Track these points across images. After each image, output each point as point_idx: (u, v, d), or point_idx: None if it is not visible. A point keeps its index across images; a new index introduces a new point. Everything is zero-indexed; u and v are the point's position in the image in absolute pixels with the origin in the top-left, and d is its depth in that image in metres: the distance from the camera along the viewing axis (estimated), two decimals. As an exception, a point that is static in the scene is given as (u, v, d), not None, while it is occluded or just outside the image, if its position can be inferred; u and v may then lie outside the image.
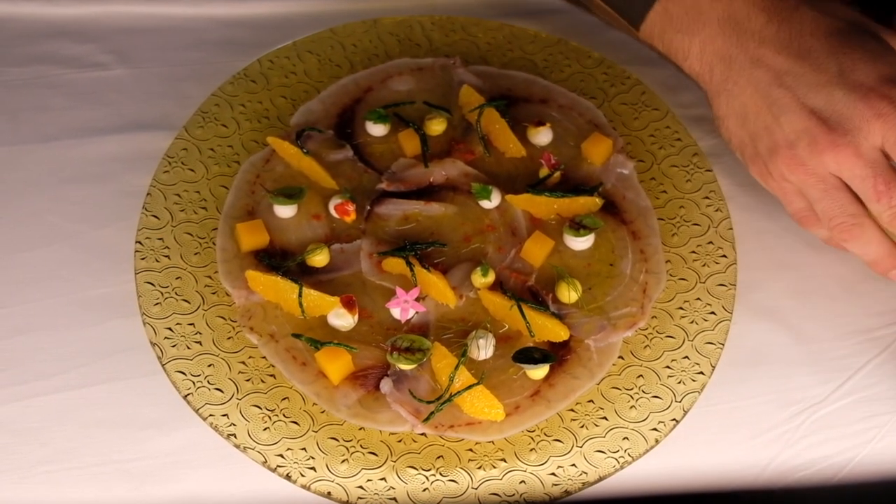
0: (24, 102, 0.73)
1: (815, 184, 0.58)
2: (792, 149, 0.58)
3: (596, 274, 0.64)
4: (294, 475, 0.56)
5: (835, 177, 0.58)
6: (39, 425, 0.58)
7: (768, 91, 0.59)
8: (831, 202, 0.59)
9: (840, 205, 0.58)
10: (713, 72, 0.62)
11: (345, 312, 0.60)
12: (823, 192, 0.58)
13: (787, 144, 0.58)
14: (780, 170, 0.60)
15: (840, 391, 0.61)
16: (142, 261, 0.63)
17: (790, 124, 0.58)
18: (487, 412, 0.57)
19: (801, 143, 0.58)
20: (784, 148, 0.59)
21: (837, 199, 0.58)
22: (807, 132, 0.57)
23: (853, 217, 0.59)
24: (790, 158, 0.58)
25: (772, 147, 0.59)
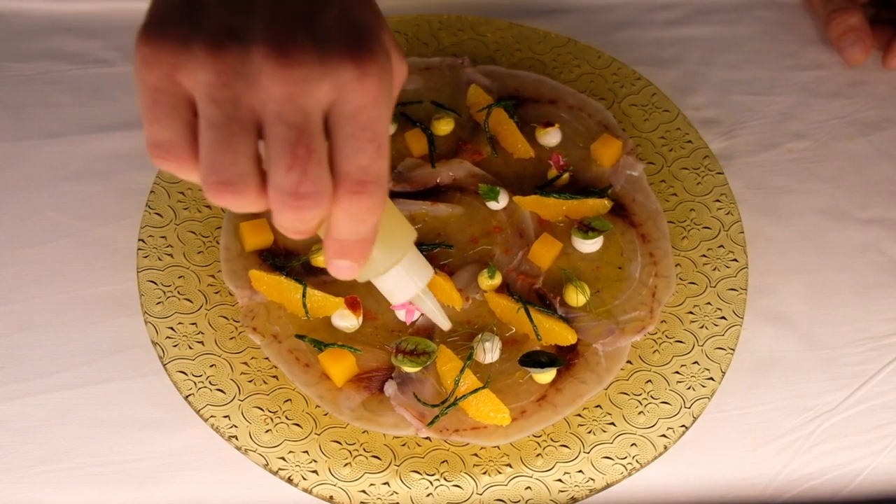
0: (27, 98, 0.72)
1: (215, 112, 0.37)
2: (228, 42, 0.37)
3: (604, 277, 0.63)
4: (296, 478, 0.55)
5: (255, 109, 0.38)
6: (39, 424, 0.58)
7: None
8: (223, 145, 0.38)
9: (234, 154, 0.38)
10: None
11: (349, 313, 0.59)
12: (221, 127, 0.37)
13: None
14: (190, 64, 0.38)
15: (853, 398, 0.60)
16: (144, 259, 0.62)
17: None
18: (493, 416, 0.56)
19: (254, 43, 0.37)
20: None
21: (237, 145, 0.38)
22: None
23: (243, 178, 0.38)
24: (217, 54, 0.37)
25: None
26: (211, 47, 0.37)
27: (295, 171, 0.37)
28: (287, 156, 0.37)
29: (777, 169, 0.71)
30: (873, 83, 0.76)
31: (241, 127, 0.37)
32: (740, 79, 0.76)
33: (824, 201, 0.70)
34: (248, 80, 0.37)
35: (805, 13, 0.81)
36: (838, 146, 0.73)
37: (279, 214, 0.39)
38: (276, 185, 0.38)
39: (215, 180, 0.38)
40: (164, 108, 0.38)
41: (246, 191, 0.38)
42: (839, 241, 0.67)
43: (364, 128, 0.38)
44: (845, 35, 0.75)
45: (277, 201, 0.38)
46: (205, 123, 0.37)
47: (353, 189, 0.39)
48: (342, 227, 0.40)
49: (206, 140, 0.37)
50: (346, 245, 0.41)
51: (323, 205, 0.38)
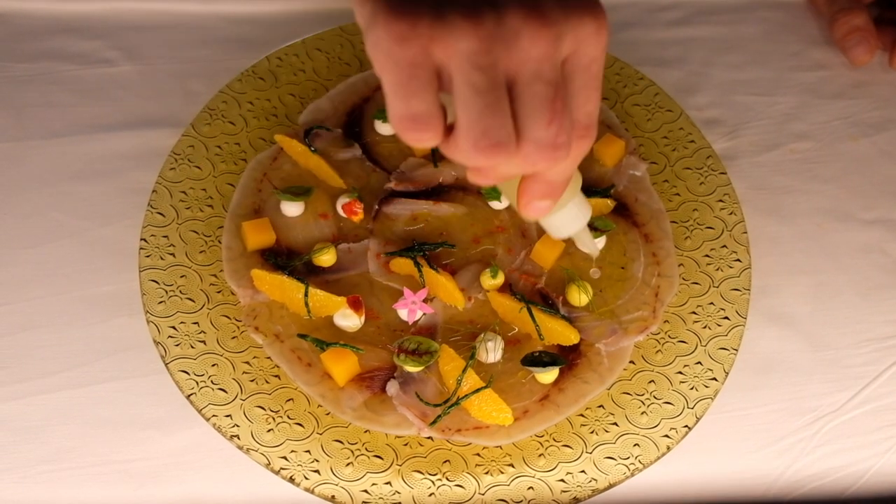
0: (30, 98, 0.72)
1: (481, 78, 0.39)
2: (484, 11, 0.39)
3: (607, 277, 0.62)
4: (298, 478, 0.55)
5: (512, 71, 0.39)
6: (40, 424, 0.58)
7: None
8: (493, 109, 0.39)
9: (503, 117, 0.39)
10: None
11: (351, 313, 0.59)
12: (487, 92, 0.39)
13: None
14: (452, 37, 0.39)
15: (856, 400, 0.60)
16: (146, 258, 0.62)
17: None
18: (495, 416, 0.56)
19: (510, 8, 0.39)
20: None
21: (502, 108, 0.39)
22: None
23: (509, 137, 0.40)
24: (477, 23, 0.38)
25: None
26: (469, 16, 0.38)
27: (554, 125, 0.40)
28: (547, 111, 0.40)
29: (780, 169, 0.71)
30: (877, 84, 0.76)
31: (502, 90, 0.39)
32: (743, 79, 0.76)
33: (828, 202, 0.69)
34: (506, 44, 0.39)
35: (809, 14, 0.80)
36: (842, 147, 0.72)
37: (537, 164, 0.41)
38: (537, 139, 0.40)
39: (487, 144, 0.39)
40: (421, 82, 0.39)
41: (511, 150, 0.40)
42: (843, 241, 0.67)
43: (595, 77, 0.42)
44: (850, 35, 0.75)
45: (536, 154, 0.40)
46: (469, 90, 0.39)
47: (581, 134, 0.42)
48: (560, 170, 0.43)
49: (474, 106, 0.39)
50: (554, 185, 0.44)
51: (567, 152, 0.41)
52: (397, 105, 0.40)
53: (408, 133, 0.40)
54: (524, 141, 0.40)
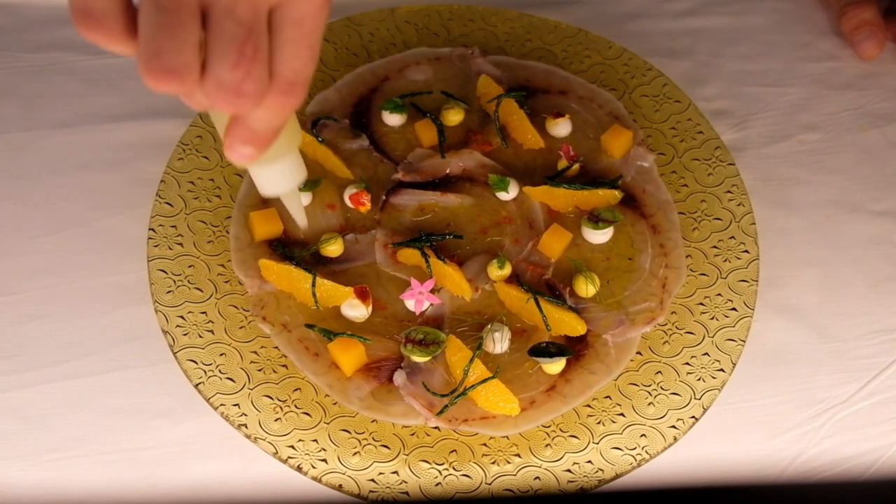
0: (39, 88, 0.72)
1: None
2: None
3: (614, 268, 0.62)
4: (305, 467, 0.55)
5: (205, 4, 0.37)
6: (50, 412, 0.58)
7: None
8: (171, 30, 0.37)
9: (181, 43, 0.37)
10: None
11: (358, 303, 0.59)
12: (169, 11, 0.37)
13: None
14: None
15: (864, 391, 0.60)
16: (155, 248, 0.62)
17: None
18: (502, 406, 0.56)
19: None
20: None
21: (184, 32, 0.37)
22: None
23: (187, 67, 0.37)
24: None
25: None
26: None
27: (240, 70, 0.37)
28: (234, 53, 0.37)
29: (789, 160, 0.71)
30: (886, 75, 0.76)
31: (189, 13, 0.36)
32: (752, 70, 0.76)
33: (836, 193, 0.69)
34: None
35: (818, 4, 0.80)
36: (851, 138, 0.72)
37: (213, 103, 0.38)
38: (218, 78, 0.37)
39: (159, 67, 0.36)
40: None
41: (188, 80, 0.37)
42: (851, 233, 0.67)
43: (306, 34, 0.39)
44: (859, 29, 0.75)
45: (215, 93, 0.38)
46: (150, 2, 0.36)
47: (284, 89, 0.39)
48: (261, 120, 0.40)
49: (151, 22, 0.36)
50: (258, 135, 0.41)
51: (256, 101, 0.39)
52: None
53: (79, 26, 0.38)
54: (207, 76, 0.37)
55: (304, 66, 0.40)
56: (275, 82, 0.39)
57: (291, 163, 0.47)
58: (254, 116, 0.40)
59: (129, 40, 0.37)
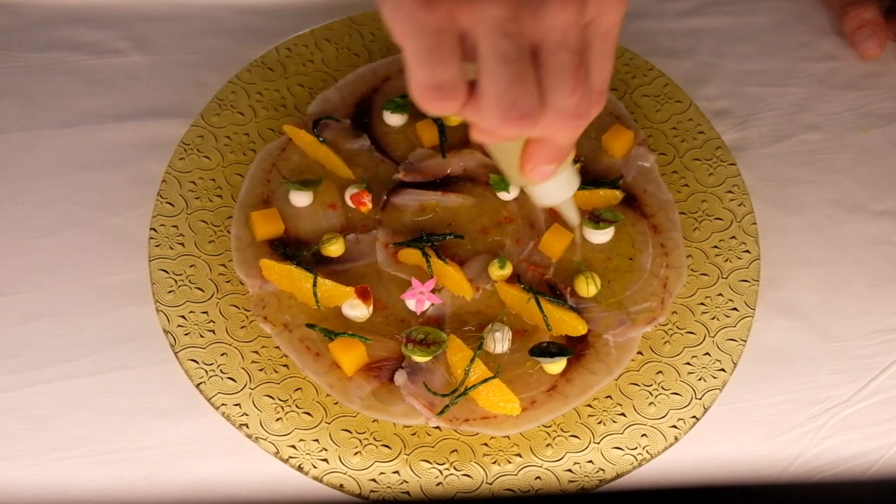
0: (40, 88, 0.72)
1: (510, 47, 0.38)
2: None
3: (615, 268, 0.62)
4: (306, 466, 0.55)
5: (535, 40, 0.39)
6: (51, 412, 0.58)
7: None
8: (520, 78, 0.39)
9: (530, 86, 0.39)
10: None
11: (359, 303, 0.59)
12: (516, 61, 0.38)
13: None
14: (458, 3, 0.38)
15: (865, 391, 0.60)
16: (156, 248, 0.62)
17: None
18: (503, 406, 0.56)
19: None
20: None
21: (529, 77, 0.39)
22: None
23: (535, 108, 0.40)
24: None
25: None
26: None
27: (577, 93, 0.39)
28: (571, 80, 0.39)
29: (790, 160, 0.71)
30: (888, 75, 0.76)
31: (529, 58, 0.39)
32: (754, 70, 0.76)
33: (837, 193, 0.69)
34: (532, 10, 0.38)
35: (819, 4, 0.80)
36: (852, 138, 0.72)
37: (556, 132, 0.41)
38: (560, 107, 0.40)
39: (516, 114, 0.39)
40: (446, 49, 0.38)
41: (537, 118, 0.40)
42: (852, 233, 0.67)
43: (612, 44, 0.41)
44: (860, 29, 0.75)
45: (558, 122, 0.40)
46: (496, 59, 0.38)
47: (596, 100, 0.42)
48: (569, 135, 0.42)
49: (503, 76, 0.38)
50: (562, 149, 0.44)
51: (587, 118, 0.41)
52: (421, 73, 0.38)
53: (432, 103, 0.39)
54: (548, 109, 0.39)
55: (609, 75, 0.42)
56: (592, 94, 0.41)
57: (572, 170, 0.48)
58: (560, 133, 0.42)
59: (471, 102, 0.40)
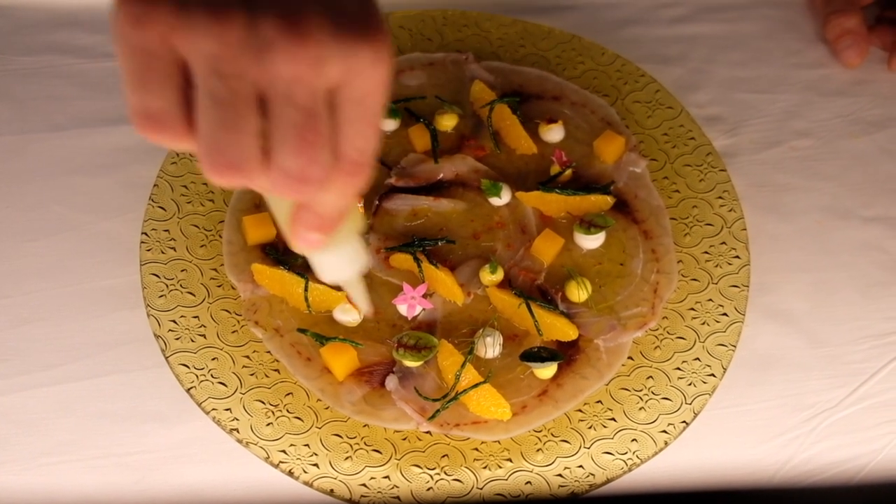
0: (33, 91, 0.72)
1: (221, 88, 0.34)
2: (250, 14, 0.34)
3: (606, 273, 0.63)
4: (297, 472, 0.55)
5: (263, 87, 0.35)
6: (41, 416, 0.58)
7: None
8: (230, 124, 0.35)
9: (241, 135, 0.35)
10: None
11: (351, 308, 0.59)
12: (228, 105, 0.35)
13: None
14: (192, 30, 0.34)
15: (854, 396, 0.60)
16: (147, 252, 0.62)
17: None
18: (494, 411, 0.56)
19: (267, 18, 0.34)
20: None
21: (243, 125, 0.35)
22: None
23: (249, 161, 0.36)
24: (211, 24, 0.34)
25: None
26: (215, 13, 0.33)
27: (303, 156, 0.35)
28: (295, 139, 0.35)
29: (780, 166, 0.71)
30: (878, 82, 0.76)
31: (246, 105, 0.34)
32: (745, 76, 0.76)
33: (827, 199, 0.69)
34: (256, 55, 0.34)
35: (809, 12, 0.80)
36: (842, 144, 0.73)
37: (279, 192, 0.37)
38: (282, 167, 0.36)
39: (221, 162, 0.35)
40: (156, 75, 0.34)
41: (251, 172, 0.36)
42: (842, 238, 0.67)
43: (369, 112, 0.37)
44: (842, 37, 0.75)
45: (281, 182, 0.36)
46: (207, 98, 0.34)
47: (350, 170, 0.38)
48: (327, 204, 0.39)
49: (209, 117, 0.35)
50: (325, 219, 0.39)
51: (321, 185, 0.37)
52: (130, 97, 0.35)
53: (143, 130, 0.35)
54: (272, 166, 0.36)
55: (368, 143, 0.38)
56: (340, 163, 0.37)
57: (353, 248, 0.44)
58: (320, 201, 0.38)
59: (193, 137, 0.36)
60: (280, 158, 0.35)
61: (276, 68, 0.34)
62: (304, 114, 0.35)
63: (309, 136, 0.35)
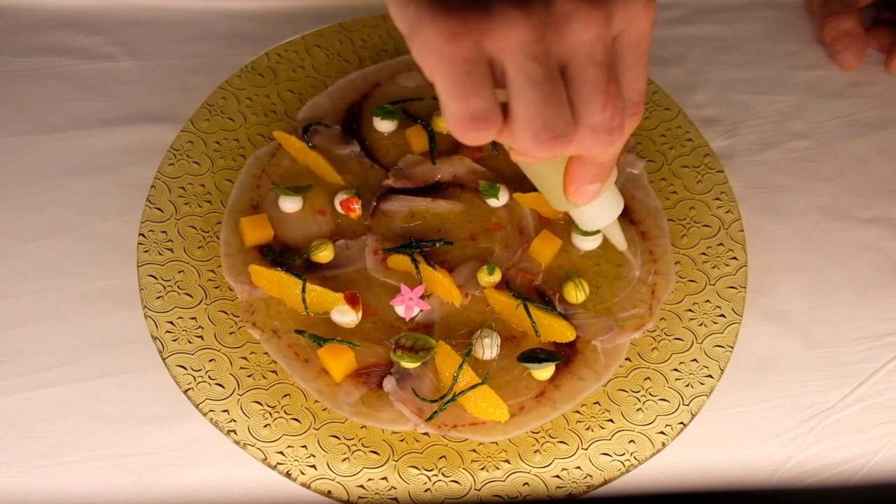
0: (30, 93, 0.72)
1: (537, 69, 0.38)
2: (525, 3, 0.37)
3: (604, 274, 0.63)
4: (294, 473, 0.55)
5: (564, 57, 0.38)
6: (38, 418, 0.58)
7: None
8: (550, 99, 0.38)
9: (560, 106, 0.39)
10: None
11: (348, 309, 0.59)
12: (544, 83, 0.38)
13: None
14: (501, 28, 0.37)
15: (851, 397, 0.60)
16: (145, 254, 0.62)
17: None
18: (491, 412, 0.56)
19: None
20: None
21: (559, 97, 0.39)
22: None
23: (568, 127, 0.39)
24: (526, 11, 0.37)
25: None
26: (519, 5, 0.37)
27: (609, 109, 0.39)
28: (601, 95, 0.39)
29: (778, 168, 0.71)
30: (874, 83, 0.76)
31: (557, 79, 0.38)
32: (742, 78, 0.76)
33: (825, 200, 0.70)
34: (557, 29, 0.37)
35: (807, 13, 0.80)
36: (839, 146, 0.73)
37: (591, 149, 0.40)
38: (593, 124, 0.39)
39: (548, 136, 0.39)
40: (477, 79, 0.38)
41: (571, 137, 0.39)
42: (839, 240, 0.67)
43: (644, 53, 0.40)
44: (838, 40, 0.75)
45: (591, 139, 0.39)
46: (525, 82, 0.38)
47: (633, 112, 0.41)
48: (608, 151, 0.41)
49: (531, 98, 0.38)
50: (605, 167, 0.43)
51: (623, 133, 0.40)
52: (455, 106, 0.38)
53: (469, 133, 0.39)
54: (580, 127, 0.39)
55: (644, 84, 0.41)
56: (626, 108, 0.40)
57: (615, 191, 0.46)
58: (596, 150, 0.41)
59: (507, 126, 0.40)
60: (589, 117, 0.39)
61: (578, 36, 0.38)
62: (605, 70, 0.38)
63: (611, 88, 0.39)
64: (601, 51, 0.38)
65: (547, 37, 0.37)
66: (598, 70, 0.39)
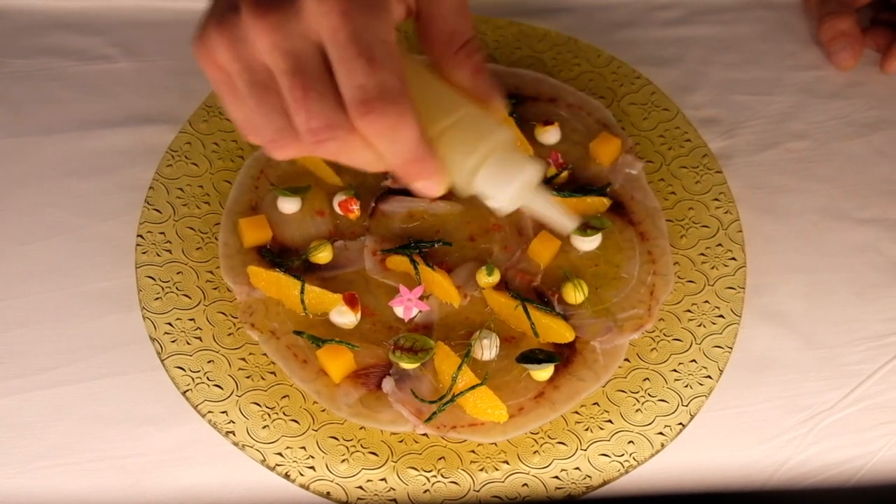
0: (28, 94, 0.72)
1: (241, 83, 0.41)
2: (227, 15, 0.40)
3: (603, 275, 0.63)
4: (293, 474, 0.55)
5: (264, 66, 0.40)
6: (36, 419, 0.58)
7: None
8: (259, 110, 0.41)
9: (266, 115, 0.41)
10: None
11: (347, 310, 0.59)
12: (251, 94, 0.41)
13: (226, 6, 0.40)
14: (212, 47, 0.41)
15: (850, 398, 0.60)
16: (143, 255, 0.62)
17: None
18: (490, 413, 0.56)
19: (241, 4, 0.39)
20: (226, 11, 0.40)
21: (267, 108, 0.40)
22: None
23: (280, 132, 0.41)
24: (220, 29, 0.40)
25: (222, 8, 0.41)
26: (218, 25, 0.40)
27: (300, 112, 0.39)
28: (291, 100, 0.39)
29: (776, 168, 0.71)
30: (872, 84, 0.76)
31: (262, 86, 0.40)
32: (740, 78, 0.76)
33: (823, 201, 0.70)
34: (244, 44, 0.39)
35: (805, 14, 0.81)
36: (837, 146, 0.73)
37: (318, 153, 0.40)
38: (300, 129, 0.40)
39: (266, 142, 0.41)
40: (221, 90, 0.43)
41: (287, 143, 0.40)
42: (837, 240, 0.67)
43: (346, 45, 0.38)
44: (835, 40, 0.75)
45: (309, 143, 0.40)
46: (237, 94, 0.41)
47: (360, 111, 0.38)
48: (385, 152, 0.40)
49: (247, 107, 0.41)
50: (407, 167, 0.41)
51: (340, 135, 0.39)
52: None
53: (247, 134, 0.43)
54: (297, 132, 0.40)
55: (367, 76, 0.38)
56: (348, 108, 0.39)
57: (499, 163, 0.39)
58: (380, 153, 0.40)
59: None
60: (296, 123, 0.40)
61: (255, 47, 0.39)
62: (287, 75, 0.39)
63: (296, 93, 0.39)
64: (281, 57, 0.39)
65: (240, 51, 0.39)
66: (283, 77, 0.39)
